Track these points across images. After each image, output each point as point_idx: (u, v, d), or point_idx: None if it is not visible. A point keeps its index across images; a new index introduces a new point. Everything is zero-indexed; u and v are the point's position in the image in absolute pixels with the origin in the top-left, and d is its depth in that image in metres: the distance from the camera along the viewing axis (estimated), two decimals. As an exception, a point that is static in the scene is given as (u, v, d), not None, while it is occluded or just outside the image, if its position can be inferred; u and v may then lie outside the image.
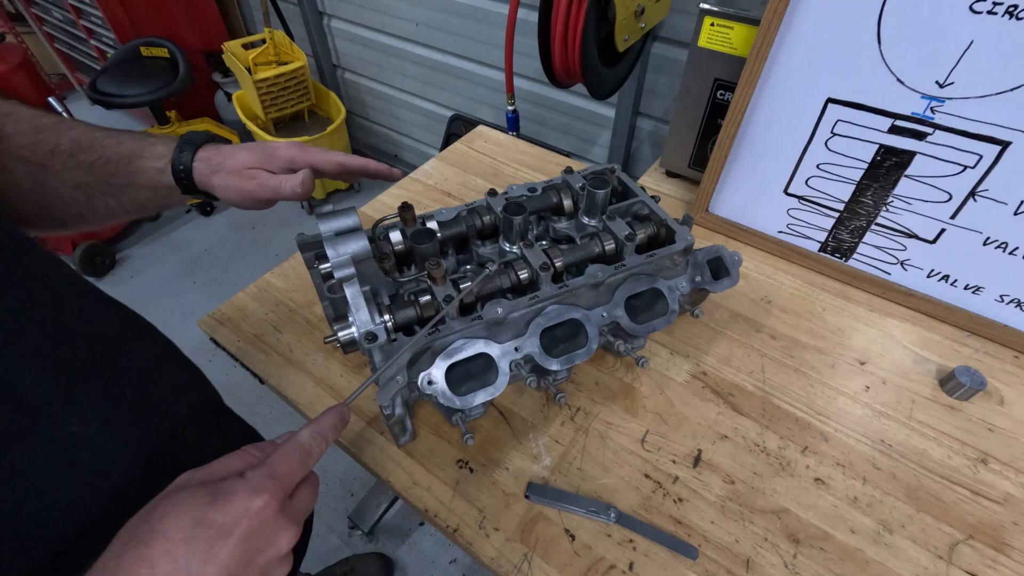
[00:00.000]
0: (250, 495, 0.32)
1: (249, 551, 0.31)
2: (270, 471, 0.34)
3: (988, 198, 0.66)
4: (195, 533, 0.30)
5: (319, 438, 0.38)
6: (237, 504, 0.31)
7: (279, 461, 0.35)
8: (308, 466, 0.36)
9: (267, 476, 0.33)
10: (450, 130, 1.97)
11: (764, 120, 0.76)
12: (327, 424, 0.40)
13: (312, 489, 0.37)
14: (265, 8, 1.99)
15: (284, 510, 0.33)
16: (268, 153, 0.53)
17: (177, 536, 0.30)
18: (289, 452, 0.36)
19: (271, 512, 0.32)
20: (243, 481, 0.33)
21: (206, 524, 0.31)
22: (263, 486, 0.33)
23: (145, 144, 0.52)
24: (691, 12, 1.30)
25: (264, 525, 0.32)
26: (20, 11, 2.65)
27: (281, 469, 0.34)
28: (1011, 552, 0.56)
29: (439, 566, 1.42)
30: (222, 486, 0.32)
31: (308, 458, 0.37)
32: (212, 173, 0.52)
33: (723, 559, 0.54)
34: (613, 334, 0.66)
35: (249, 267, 2.22)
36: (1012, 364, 0.72)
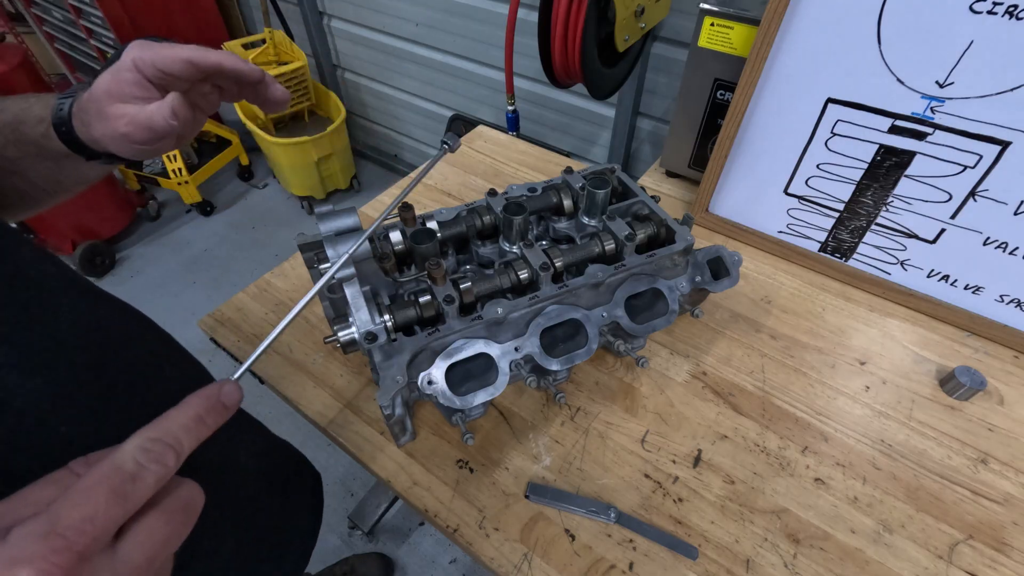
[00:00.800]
0: (6, 565, 0.20)
1: None
2: (46, 526, 0.22)
3: (988, 198, 0.66)
4: None
5: (159, 448, 0.25)
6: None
7: (69, 504, 0.22)
8: (132, 499, 0.24)
9: (39, 536, 0.21)
10: (450, 130, 1.97)
11: (764, 120, 0.76)
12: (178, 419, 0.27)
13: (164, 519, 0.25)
14: (265, 8, 1.99)
15: (89, 566, 0.22)
16: (114, 73, 0.41)
17: None
18: (90, 486, 0.23)
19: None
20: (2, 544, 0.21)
21: None
22: (25, 554, 0.21)
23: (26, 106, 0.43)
24: (691, 12, 1.30)
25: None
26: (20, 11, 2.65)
27: (68, 518, 0.22)
28: (1011, 552, 0.56)
29: (439, 566, 1.42)
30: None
31: (131, 487, 0.23)
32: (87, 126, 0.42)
33: (723, 559, 0.54)
34: (613, 334, 0.66)
35: (249, 267, 2.22)
36: (1012, 364, 0.72)
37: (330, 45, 2.33)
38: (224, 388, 0.29)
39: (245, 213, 2.48)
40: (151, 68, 0.40)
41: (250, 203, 2.54)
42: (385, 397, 0.51)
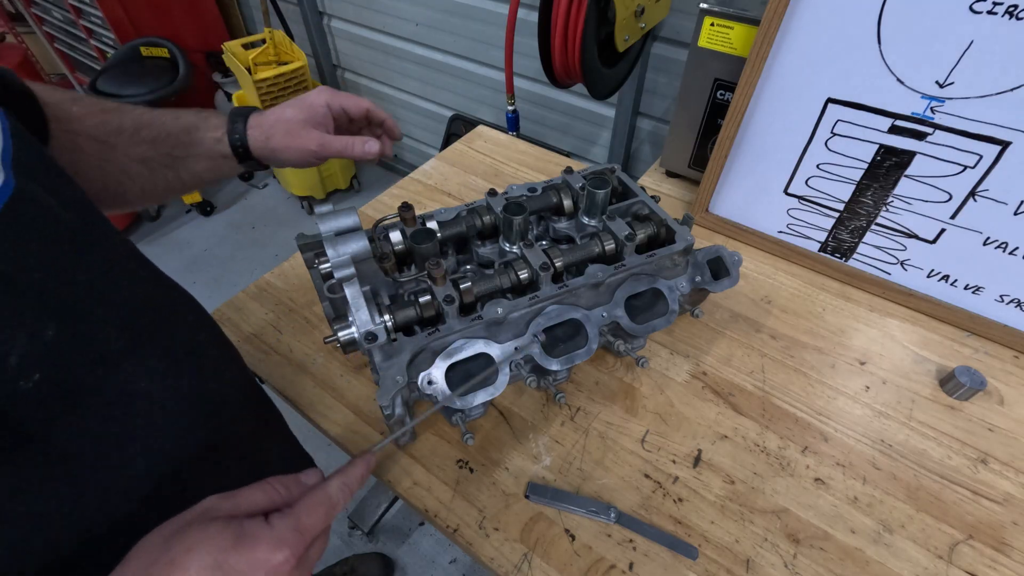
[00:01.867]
0: (272, 547, 0.32)
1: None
2: (295, 522, 0.34)
3: (988, 198, 0.66)
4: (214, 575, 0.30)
5: (346, 490, 0.38)
6: (258, 554, 0.31)
7: (305, 512, 0.35)
8: (331, 519, 0.36)
9: (292, 528, 0.33)
10: (450, 130, 1.97)
11: (764, 120, 0.76)
12: (355, 475, 0.40)
13: (325, 540, 0.37)
14: (265, 8, 1.99)
15: (302, 566, 0.33)
16: (309, 107, 0.58)
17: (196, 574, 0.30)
18: (316, 504, 0.35)
19: (289, 568, 0.32)
20: (268, 529, 0.33)
21: (226, 568, 0.30)
22: (286, 539, 0.32)
23: (201, 118, 0.56)
24: (691, 12, 1.30)
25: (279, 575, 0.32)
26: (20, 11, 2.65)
27: (306, 522, 0.34)
28: (1011, 552, 0.56)
29: (439, 566, 1.42)
30: (247, 529, 0.32)
31: (332, 510, 0.36)
32: (267, 138, 0.56)
33: (723, 559, 0.54)
34: (613, 334, 0.66)
35: (249, 267, 2.22)
36: (1012, 364, 0.72)
37: (330, 45, 2.33)
38: (372, 459, 0.43)
39: (245, 213, 2.49)
40: (339, 109, 0.60)
41: (250, 203, 2.54)
42: (385, 397, 0.51)
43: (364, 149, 0.58)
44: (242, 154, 0.57)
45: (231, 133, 0.56)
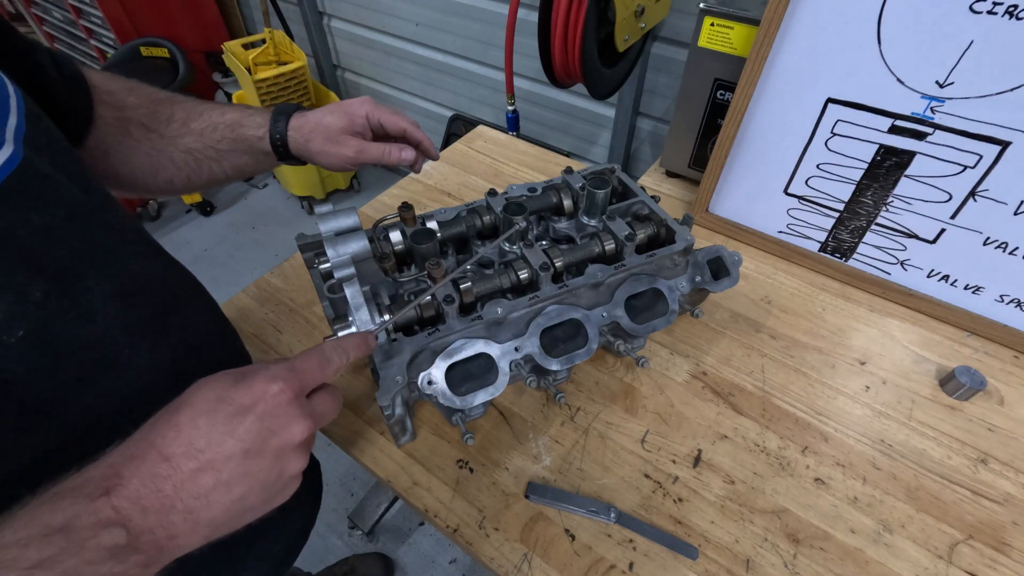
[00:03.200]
0: (268, 380, 0.34)
1: (264, 431, 0.33)
2: (290, 364, 0.36)
3: (988, 198, 0.66)
4: (217, 407, 0.33)
5: (340, 350, 0.40)
6: (256, 387, 0.34)
7: (300, 359, 0.38)
8: (326, 371, 0.39)
9: (287, 368, 0.36)
10: (450, 130, 1.97)
11: (764, 120, 0.76)
12: (350, 342, 0.42)
13: (331, 397, 0.39)
14: (265, 8, 1.99)
15: (299, 401, 0.35)
16: (349, 115, 0.60)
17: (201, 407, 0.32)
18: (309, 353, 0.38)
19: (286, 398, 0.34)
20: (264, 368, 0.35)
21: (227, 400, 0.33)
22: (280, 375, 0.35)
23: (246, 114, 0.59)
24: (691, 12, 1.30)
25: (279, 409, 0.34)
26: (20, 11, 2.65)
27: (300, 365, 0.37)
28: (1011, 552, 0.56)
29: (439, 566, 1.42)
30: (246, 372, 0.35)
31: (326, 363, 0.39)
32: (307, 140, 0.59)
33: (723, 559, 0.54)
34: (613, 334, 0.66)
35: (249, 267, 2.22)
36: (1012, 364, 0.72)
37: (330, 45, 2.33)
38: (370, 336, 0.44)
39: (245, 213, 2.48)
40: (377, 122, 0.62)
41: (250, 203, 2.54)
42: (385, 397, 0.51)
43: (400, 156, 0.60)
44: (282, 152, 0.59)
45: (273, 132, 0.58)
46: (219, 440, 0.32)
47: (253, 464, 0.33)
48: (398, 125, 0.62)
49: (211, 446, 0.32)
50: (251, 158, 0.60)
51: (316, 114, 0.60)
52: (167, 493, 0.30)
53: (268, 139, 0.59)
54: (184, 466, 0.31)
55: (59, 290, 0.37)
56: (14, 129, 0.35)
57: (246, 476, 0.33)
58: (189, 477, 0.31)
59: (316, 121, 0.59)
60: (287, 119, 0.59)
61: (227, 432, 0.32)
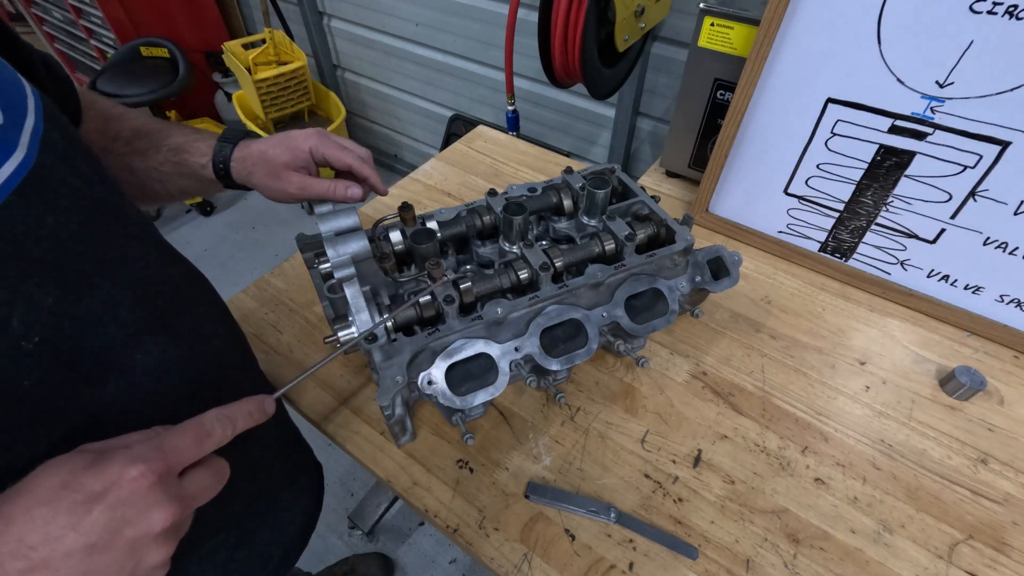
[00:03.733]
0: (126, 463, 0.30)
1: (114, 521, 0.29)
2: (157, 442, 0.32)
3: (988, 198, 0.66)
4: (60, 495, 0.29)
5: (225, 420, 0.36)
6: (110, 471, 0.30)
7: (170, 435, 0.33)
8: (204, 446, 0.35)
9: (153, 447, 0.32)
10: (450, 130, 1.97)
11: (764, 120, 0.76)
12: (240, 410, 0.38)
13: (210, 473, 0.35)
14: (265, 8, 1.99)
15: (164, 485, 0.31)
16: (292, 149, 0.57)
17: (41, 495, 0.29)
18: (184, 428, 0.34)
19: (145, 484, 0.30)
20: (125, 450, 0.31)
21: (74, 487, 0.29)
22: (143, 455, 0.31)
23: (190, 140, 0.57)
24: (691, 12, 1.30)
25: (135, 496, 0.30)
26: (20, 11, 2.65)
27: (170, 442, 0.33)
28: (1011, 552, 0.56)
29: (439, 566, 1.42)
30: (104, 452, 0.31)
31: (205, 438, 0.35)
32: (249, 173, 0.56)
33: (723, 559, 0.54)
34: (613, 334, 0.66)
35: (249, 267, 2.22)
36: (1012, 364, 0.72)
37: (330, 45, 2.33)
38: (267, 401, 0.41)
39: (245, 213, 2.48)
40: (322, 157, 0.58)
41: (250, 203, 2.54)
42: (385, 397, 0.51)
43: (346, 194, 0.57)
44: (227, 181, 0.58)
45: (216, 160, 0.56)
46: (57, 535, 0.28)
47: (99, 560, 0.29)
48: (342, 161, 0.57)
49: (47, 542, 0.28)
50: (196, 183, 0.58)
51: (260, 145, 0.57)
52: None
53: (211, 167, 0.56)
54: (9, 566, 0.27)
55: (71, 295, 0.36)
56: (31, 131, 0.35)
57: (89, 574, 0.29)
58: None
59: (259, 153, 0.56)
60: (232, 148, 0.57)
61: (69, 525, 0.28)
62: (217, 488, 0.36)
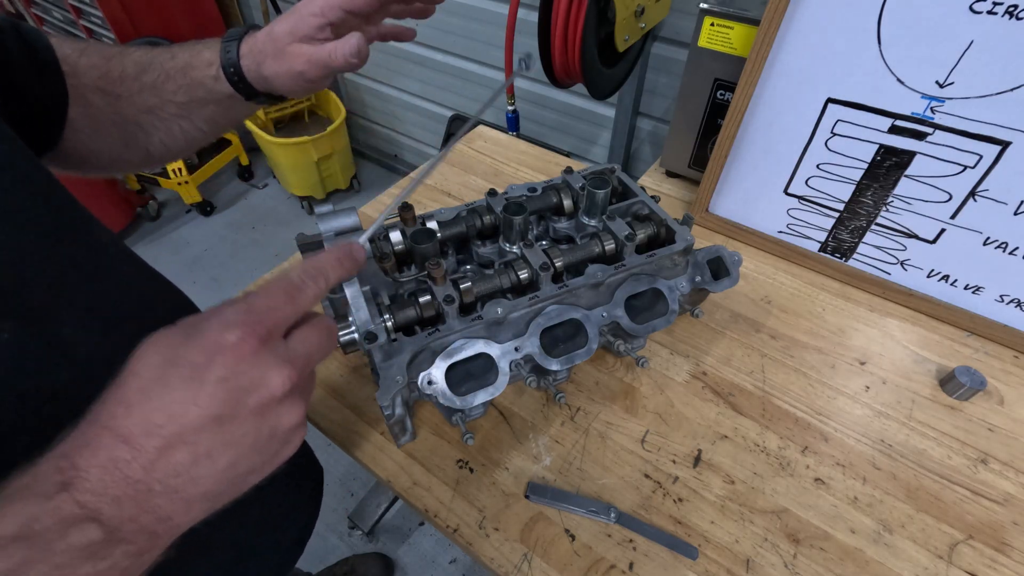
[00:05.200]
0: (221, 329, 0.28)
1: (234, 390, 0.28)
2: (246, 305, 0.30)
3: (988, 198, 0.66)
4: (168, 372, 0.27)
5: (312, 271, 0.33)
6: (208, 340, 0.28)
7: (259, 295, 0.31)
8: (299, 303, 0.32)
9: (243, 310, 0.29)
10: (450, 130, 1.97)
11: (764, 120, 0.76)
12: (327, 259, 0.34)
13: (316, 331, 0.32)
14: (265, 8, 1.99)
15: (269, 347, 0.29)
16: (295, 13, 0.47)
17: (149, 375, 0.27)
18: (271, 287, 0.31)
19: (248, 348, 0.28)
20: (216, 317, 0.29)
21: (178, 362, 0.27)
22: (235, 320, 0.28)
23: (194, 52, 0.49)
24: (691, 12, 1.30)
25: (243, 362, 0.28)
26: (20, 11, 2.65)
27: (260, 303, 0.30)
28: (1011, 552, 0.56)
29: (439, 566, 1.42)
30: (196, 323, 0.29)
31: (296, 293, 0.32)
32: (260, 64, 0.48)
33: (723, 559, 0.54)
34: (613, 334, 0.66)
35: (249, 267, 2.22)
36: (1012, 364, 0.72)
37: (330, 45, 2.32)
38: (355, 246, 0.37)
39: (245, 213, 2.48)
40: (337, 11, 0.46)
41: (250, 203, 2.54)
42: (385, 397, 0.51)
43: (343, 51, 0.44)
44: (243, 88, 0.49)
45: (225, 65, 0.48)
46: (180, 411, 0.27)
47: (233, 429, 0.28)
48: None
49: (172, 419, 0.27)
50: (217, 106, 0.50)
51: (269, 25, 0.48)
52: (137, 477, 0.26)
53: (224, 78, 0.48)
54: (147, 445, 0.26)
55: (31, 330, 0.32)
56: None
57: (228, 444, 0.28)
58: (157, 456, 0.26)
59: (266, 34, 0.47)
60: (237, 44, 0.48)
61: (188, 400, 0.27)
62: (329, 346, 0.33)
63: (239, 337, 0.28)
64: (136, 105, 0.49)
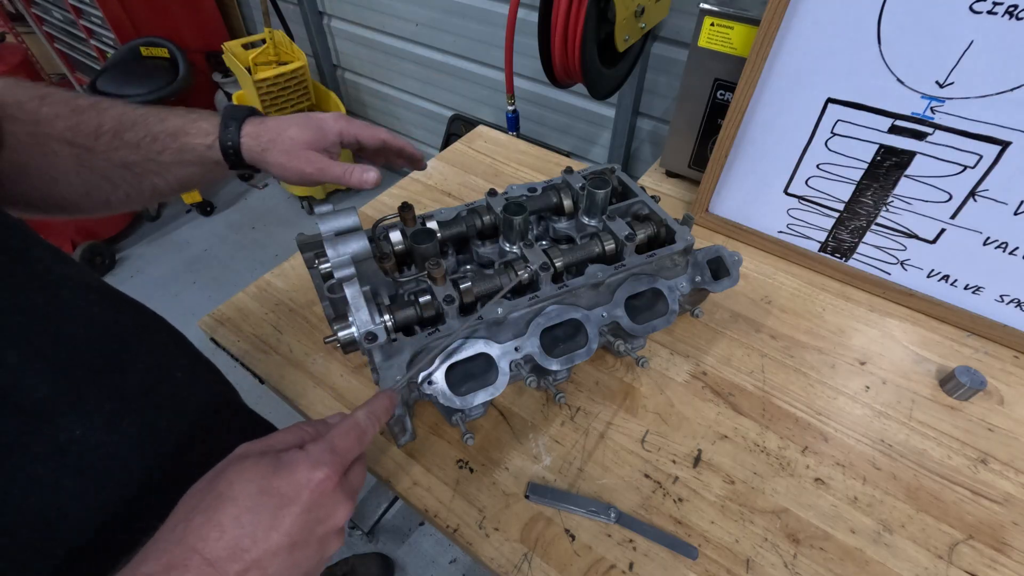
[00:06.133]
0: (311, 467, 0.33)
1: (311, 521, 0.32)
2: (330, 445, 0.35)
3: (988, 198, 0.66)
4: (261, 501, 0.31)
5: (373, 419, 0.39)
6: (299, 475, 0.32)
7: (338, 437, 0.36)
8: (364, 445, 0.37)
9: (327, 450, 0.34)
10: (450, 130, 1.97)
11: (764, 120, 0.76)
12: (380, 406, 0.41)
13: (363, 468, 0.38)
14: (265, 8, 1.99)
15: (343, 485, 0.34)
16: (318, 130, 0.54)
17: (245, 503, 0.31)
18: (348, 429, 0.37)
19: (331, 485, 0.33)
20: (304, 454, 0.34)
21: (271, 492, 0.31)
22: (323, 459, 0.33)
23: (189, 120, 0.53)
24: (691, 12, 1.30)
25: (324, 497, 0.33)
26: (20, 11, 2.65)
27: (340, 445, 0.35)
28: (1011, 552, 0.56)
29: (439, 566, 1.42)
30: (284, 457, 0.33)
31: (364, 437, 0.38)
32: (264, 150, 0.53)
33: (723, 559, 0.54)
34: (613, 334, 0.66)
35: (249, 267, 2.22)
36: (1012, 364, 0.72)
37: (330, 45, 2.33)
38: (393, 395, 0.43)
39: (245, 213, 2.48)
40: (353, 138, 0.57)
41: (250, 203, 2.54)
42: (385, 397, 0.51)
43: (362, 178, 0.55)
44: (235, 161, 0.53)
45: (224, 139, 0.52)
46: (264, 536, 0.31)
47: (299, 555, 0.32)
48: (376, 137, 0.57)
49: (257, 544, 0.30)
50: (200, 168, 0.53)
51: (278, 123, 0.54)
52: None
53: (218, 148, 0.52)
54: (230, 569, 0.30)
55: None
56: None
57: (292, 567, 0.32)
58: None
59: (278, 131, 0.53)
60: (239, 124, 0.53)
61: (272, 527, 0.31)
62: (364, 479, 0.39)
63: (326, 475, 0.33)
64: (111, 160, 0.50)
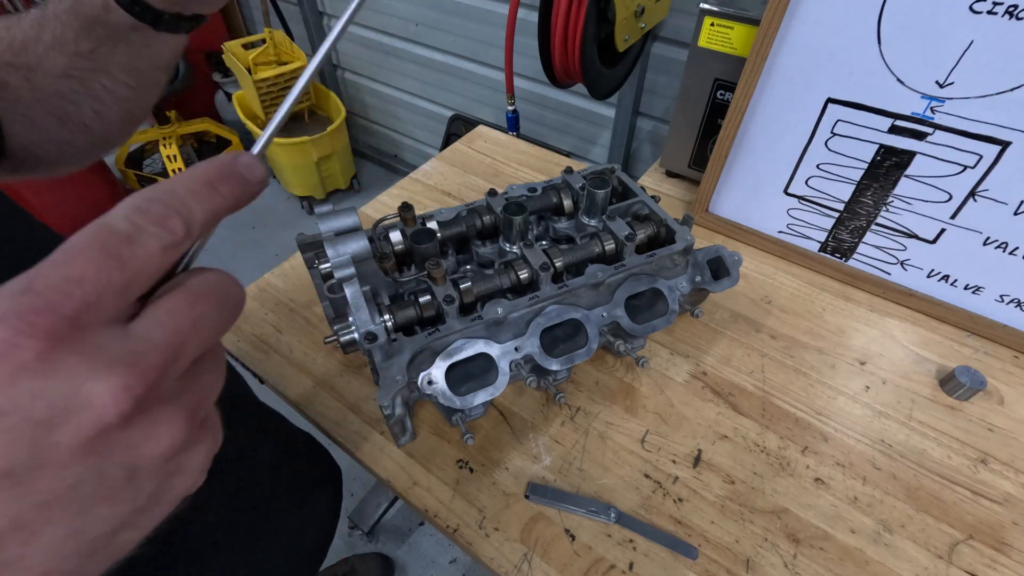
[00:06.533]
0: None
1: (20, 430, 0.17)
2: (24, 282, 0.17)
3: (988, 198, 0.66)
4: None
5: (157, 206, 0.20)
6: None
7: (46, 265, 0.18)
8: (132, 261, 0.19)
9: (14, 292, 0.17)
10: (450, 130, 1.98)
11: (764, 120, 0.76)
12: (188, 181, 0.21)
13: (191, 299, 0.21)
14: (265, 8, 1.99)
15: (76, 344, 0.17)
16: None
17: None
18: (73, 246, 0.18)
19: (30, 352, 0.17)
20: None
21: None
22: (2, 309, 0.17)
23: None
24: (691, 12, 1.30)
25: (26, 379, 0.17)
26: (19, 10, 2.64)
27: (51, 276, 0.18)
28: (1011, 552, 0.56)
29: (439, 566, 1.42)
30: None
31: (128, 248, 0.19)
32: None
33: (723, 559, 0.54)
34: (613, 334, 0.66)
35: (249, 267, 2.22)
36: (1012, 364, 0.72)
37: (330, 45, 2.33)
38: (240, 157, 0.23)
39: (245, 213, 2.48)
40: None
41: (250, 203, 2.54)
42: (385, 397, 0.51)
43: None
44: (146, 14, 0.41)
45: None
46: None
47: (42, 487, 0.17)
48: None
49: None
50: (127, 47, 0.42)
51: None
52: None
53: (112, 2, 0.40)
54: None
55: None
56: None
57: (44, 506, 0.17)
58: None
59: None
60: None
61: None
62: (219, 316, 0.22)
63: (9, 336, 0.16)
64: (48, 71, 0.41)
